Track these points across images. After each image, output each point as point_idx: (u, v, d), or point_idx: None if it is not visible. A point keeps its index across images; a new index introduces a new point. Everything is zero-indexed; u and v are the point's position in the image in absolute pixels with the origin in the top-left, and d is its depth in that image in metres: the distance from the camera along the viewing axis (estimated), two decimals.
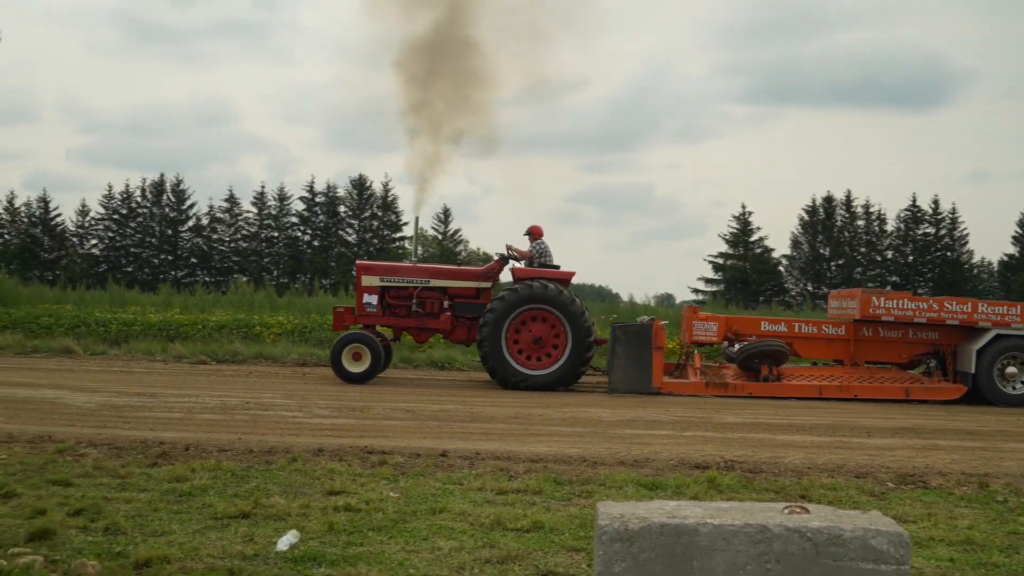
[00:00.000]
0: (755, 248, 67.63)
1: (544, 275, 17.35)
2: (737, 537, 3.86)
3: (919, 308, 16.98)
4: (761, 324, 17.89)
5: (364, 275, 17.96)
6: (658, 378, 16.57)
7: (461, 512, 6.91)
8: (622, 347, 16.68)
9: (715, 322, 17.67)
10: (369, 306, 17.76)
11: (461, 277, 18.26)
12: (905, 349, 17.51)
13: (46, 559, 5.40)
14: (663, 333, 16.85)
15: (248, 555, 5.69)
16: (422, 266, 18.39)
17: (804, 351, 17.92)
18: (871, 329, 17.46)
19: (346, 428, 11.28)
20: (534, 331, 16.93)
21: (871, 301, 17.01)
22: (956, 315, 16.90)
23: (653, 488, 8.03)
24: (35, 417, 11.47)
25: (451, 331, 17.89)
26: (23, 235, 67.99)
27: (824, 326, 17.82)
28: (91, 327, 23.12)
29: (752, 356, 16.91)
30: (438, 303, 17.89)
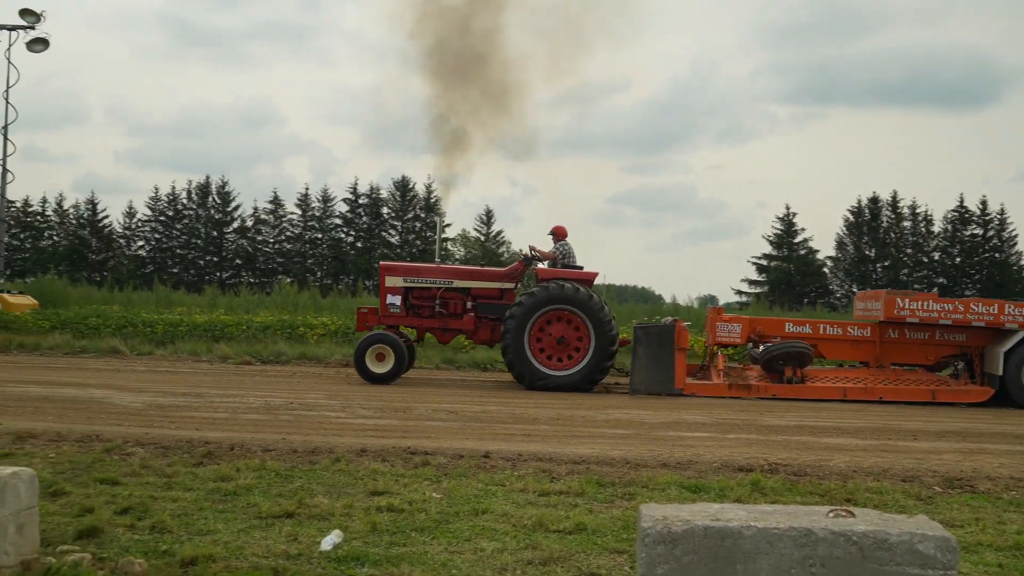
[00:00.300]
0: (799, 249, 67.18)
1: (567, 276, 17.32)
2: (781, 540, 3.83)
3: (944, 310, 16.74)
4: (785, 325, 17.73)
5: (387, 276, 18.02)
6: (680, 379, 16.50)
7: (503, 513, 6.91)
8: (643, 348, 16.66)
9: (739, 323, 17.56)
10: (392, 307, 17.82)
11: (484, 278, 18.28)
12: (932, 351, 17.26)
13: (94, 557, 5.46)
14: (686, 334, 16.78)
15: (292, 555, 5.73)
16: (445, 267, 18.45)
17: (829, 353, 17.74)
18: (897, 331, 17.23)
19: (389, 429, 11.33)
20: (557, 332, 16.89)
21: (895, 302, 16.79)
22: (982, 316, 16.64)
23: (696, 491, 7.98)
24: (83, 416, 11.62)
25: (474, 332, 17.89)
26: (72, 237, 68.95)
27: (849, 327, 17.63)
28: (138, 328, 23.39)
29: (776, 357, 16.78)
30: (461, 304, 17.91)
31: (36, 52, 26.82)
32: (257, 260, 68.90)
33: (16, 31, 26.75)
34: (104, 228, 70.26)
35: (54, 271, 44.04)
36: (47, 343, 21.90)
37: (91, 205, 70.31)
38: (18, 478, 4.99)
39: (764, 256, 67.72)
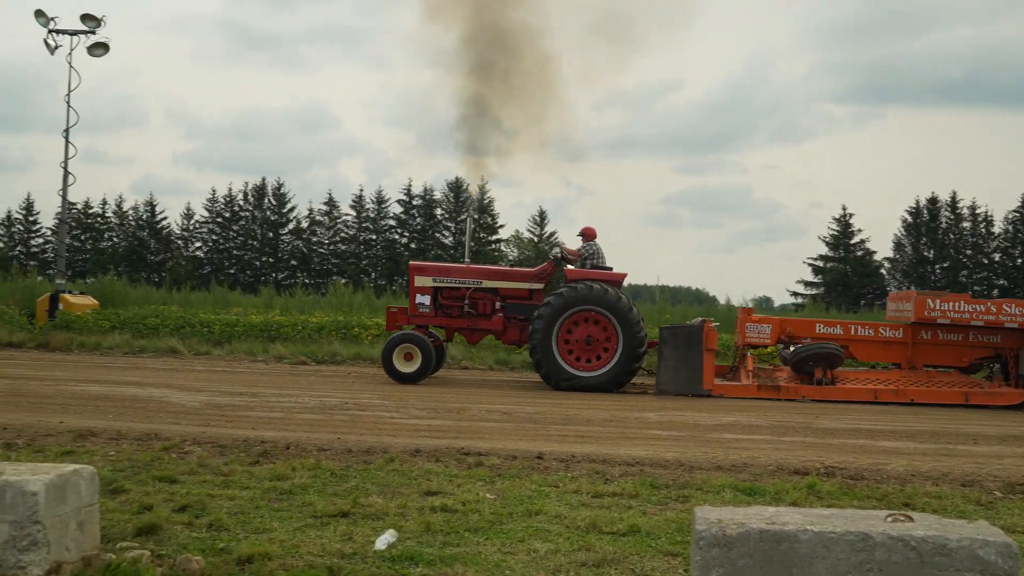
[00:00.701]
0: (856, 250, 66.44)
1: (596, 276, 17.29)
2: (838, 545, 3.79)
3: (976, 311, 16.45)
4: (816, 326, 17.57)
5: (417, 276, 18.11)
6: (709, 380, 16.40)
7: (557, 514, 6.90)
8: (670, 349, 16.62)
9: (768, 324, 17.40)
10: (422, 307, 17.88)
11: (513, 278, 18.31)
12: (966, 352, 16.98)
13: (152, 554, 5.53)
14: (714, 335, 16.69)
15: (347, 554, 5.76)
16: (474, 267, 18.48)
17: (861, 354, 17.54)
18: (930, 332, 16.97)
19: (443, 429, 11.36)
20: (585, 333, 16.85)
21: (926, 303, 16.56)
22: (1015, 318, 16.34)
23: (751, 494, 7.92)
24: (142, 415, 11.79)
25: (503, 332, 17.92)
26: (131, 238, 70.00)
27: (881, 329, 17.42)
28: (195, 328, 23.68)
29: (806, 359, 16.62)
30: (490, 304, 17.95)
31: (96, 56, 27.20)
32: (312, 261, 69.47)
33: (77, 36, 27.18)
34: (162, 229, 71.26)
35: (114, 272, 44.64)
36: (107, 343, 22.25)
37: (150, 207, 71.39)
38: (79, 476, 5.07)
39: (820, 257, 67.09)
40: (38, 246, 71.66)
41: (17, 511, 4.65)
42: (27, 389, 14.03)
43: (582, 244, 18.29)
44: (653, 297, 35.78)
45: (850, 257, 66.11)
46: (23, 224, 72.06)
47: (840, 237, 66.61)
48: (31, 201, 72.25)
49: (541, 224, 72.07)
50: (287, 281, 64.75)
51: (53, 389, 14.14)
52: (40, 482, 4.71)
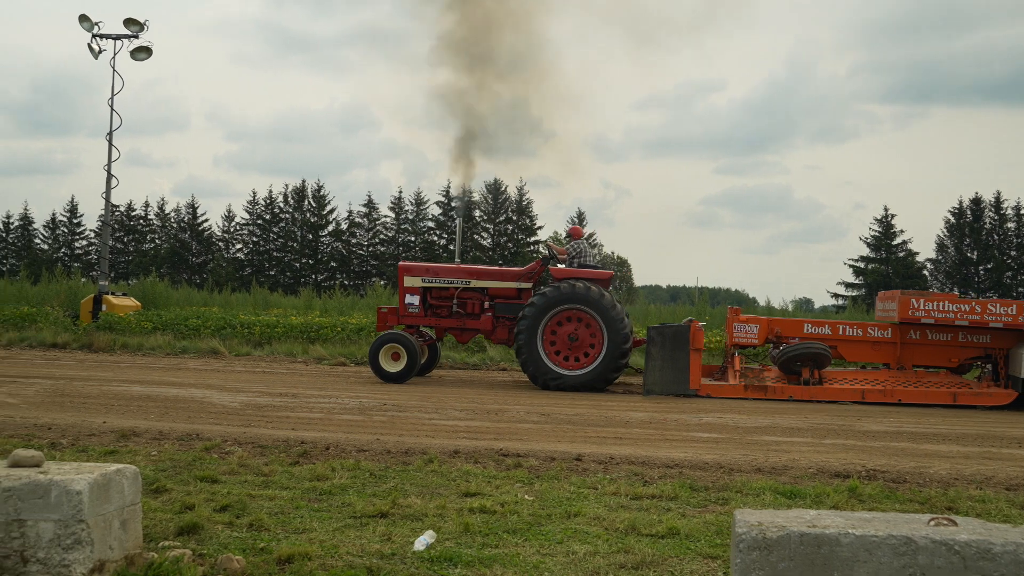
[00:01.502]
0: (898, 252, 65.82)
1: (582, 275, 17.30)
2: (880, 548, 3.76)
3: (961, 310, 16.31)
4: (804, 326, 17.52)
5: (406, 276, 18.21)
6: (696, 380, 16.37)
7: (596, 516, 6.89)
8: (657, 349, 16.56)
9: (756, 324, 17.34)
10: (411, 307, 17.99)
11: (501, 278, 18.33)
12: (955, 353, 16.87)
13: (194, 553, 5.58)
14: (701, 335, 16.66)
15: (386, 554, 5.78)
16: (463, 267, 18.55)
17: (849, 354, 17.45)
18: (919, 332, 16.88)
19: (481, 430, 11.38)
20: (570, 331, 16.87)
21: (910, 303, 16.45)
22: (1000, 317, 16.18)
23: (791, 496, 7.87)
24: (184, 415, 11.89)
25: (492, 331, 17.98)
26: (173, 240, 70.65)
27: (870, 329, 17.32)
28: (236, 329, 23.85)
29: (793, 358, 16.55)
30: (479, 303, 18.03)
31: (139, 60, 27.51)
32: (352, 262, 69.82)
33: (120, 40, 27.49)
34: (204, 231, 71.91)
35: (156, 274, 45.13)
36: (149, 343, 22.47)
37: (191, 209, 72.08)
38: (122, 475, 5.12)
39: (861, 258, 66.53)
40: (82, 248, 72.59)
41: (62, 510, 4.71)
42: (71, 389, 14.20)
43: (570, 243, 18.36)
44: (692, 298, 35.61)
45: (892, 258, 65.51)
46: (67, 226, 73.00)
47: (882, 238, 66.04)
48: (75, 204, 73.26)
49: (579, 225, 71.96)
50: (327, 283, 65.13)
51: (97, 389, 14.30)
52: (84, 481, 4.77)
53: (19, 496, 4.73)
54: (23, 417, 11.18)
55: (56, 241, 72.99)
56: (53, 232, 73.20)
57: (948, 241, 66.32)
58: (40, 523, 4.72)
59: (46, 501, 4.72)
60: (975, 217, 65.58)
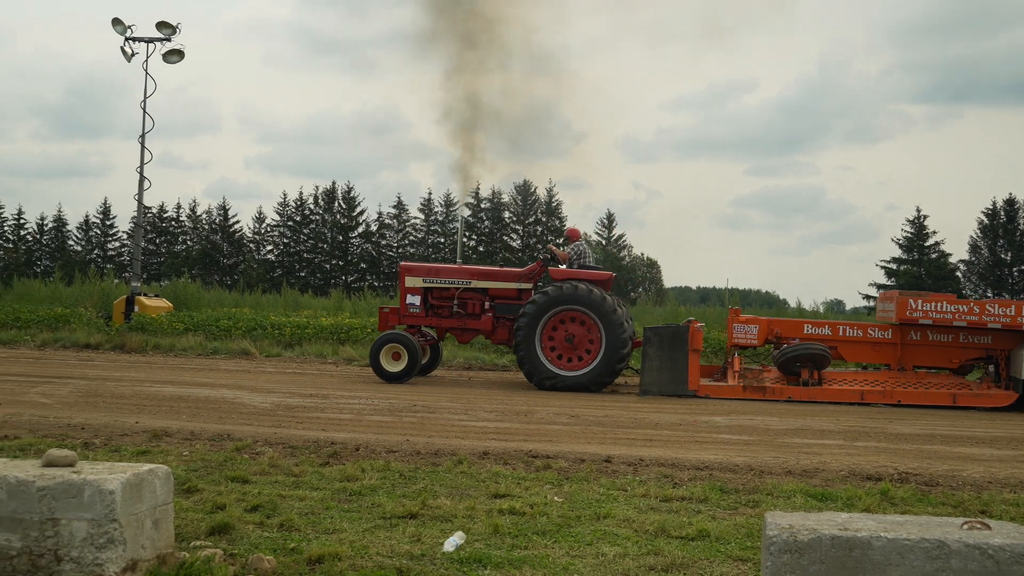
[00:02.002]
0: (930, 253, 65.30)
1: (581, 276, 17.31)
2: (913, 552, 3.73)
3: (959, 311, 16.22)
4: (804, 327, 17.46)
5: (407, 276, 18.29)
6: (694, 381, 16.34)
7: (625, 518, 6.88)
8: (654, 349, 16.54)
9: (756, 325, 17.26)
10: (412, 307, 18.06)
11: (502, 278, 18.37)
12: (956, 354, 16.77)
13: (225, 553, 5.61)
14: (699, 335, 16.61)
15: (415, 555, 5.79)
16: (463, 267, 18.64)
17: (849, 355, 17.41)
18: (919, 333, 16.77)
19: (510, 432, 11.38)
20: (569, 332, 16.91)
21: (908, 304, 16.36)
22: (998, 318, 16.07)
23: (822, 499, 7.83)
24: (215, 416, 11.97)
25: (492, 331, 18.00)
26: (204, 241, 71.10)
27: (870, 330, 17.25)
28: (267, 330, 23.97)
29: (793, 359, 16.49)
30: (479, 304, 18.07)
31: (172, 63, 27.72)
32: (381, 264, 70.03)
33: (153, 43, 27.71)
34: (235, 233, 72.34)
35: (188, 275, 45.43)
36: (181, 344, 22.62)
37: (223, 210, 72.53)
38: (154, 475, 5.16)
39: (893, 260, 66.08)
40: (115, 249, 73.22)
41: (95, 509, 4.75)
42: (104, 390, 14.32)
43: (569, 246, 18.46)
44: (722, 300, 35.48)
45: (924, 260, 65.03)
46: (100, 228, 73.65)
47: (914, 239, 65.56)
48: (108, 205, 73.89)
49: (609, 227, 71.95)
50: (356, 284, 65.37)
51: (129, 390, 14.41)
52: (117, 481, 4.80)
53: (53, 495, 4.78)
54: (57, 417, 11.29)
55: (89, 243, 73.65)
56: (86, 234, 73.87)
57: (981, 242, 65.74)
58: (74, 522, 4.76)
59: (79, 500, 4.76)
60: (1009, 218, 64.97)
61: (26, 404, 12.47)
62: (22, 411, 11.72)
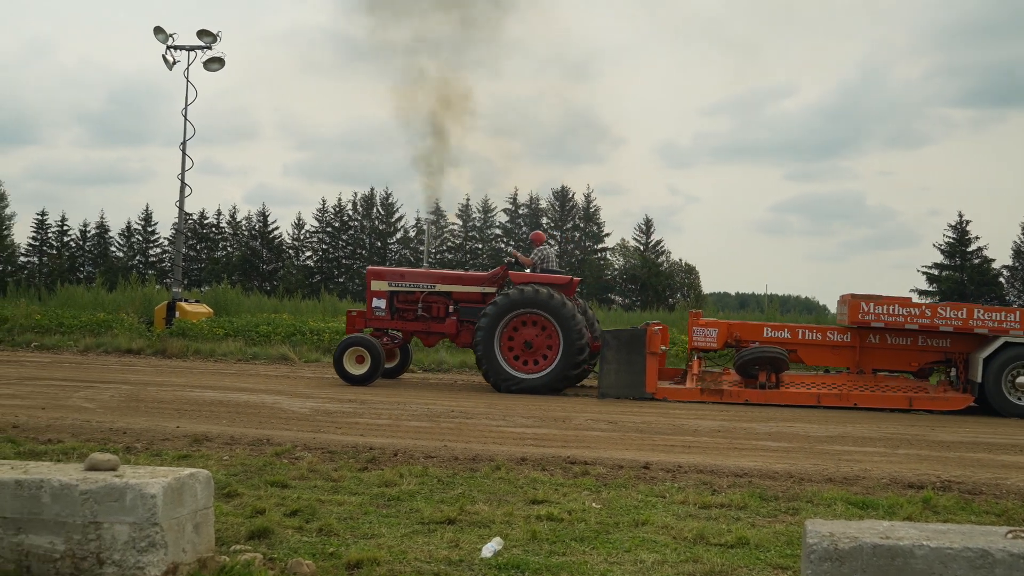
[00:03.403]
0: (973, 259, 64.54)
1: (541, 280, 17.40)
2: (956, 561, 3.69)
3: (911, 314, 16.24)
4: (764, 330, 17.45)
5: (373, 280, 18.52)
6: (652, 383, 16.33)
7: (664, 525, 6.85)
8: (612, 352, 16.54)
9: (715, 328, 17.30)
10: (378, 310, 18.27)
11: (466, 282, 18.57)
12: (915, 357, 16.74)
13: (264, 557, 5.65)
14: (657, 339, 16.59)
15: (453, 560, 5.80)
16: (428, 271, 18.86)
17: (808, 358, 17.36)
18: (878, 336, 16.73)
19: (548, 438, 11.37)
20: (528, 335, 16.98)
21: (860, 307, 16.33)
22: (950, 321, 16.06)
23: (863, 507, 7.76)
24: (255, 421, 12.05)
25: (456, 335, 18.16)
26: (244, 247, 71.59)
27: (829, 333, 17.24)
28: (306, 335, 24.11)
29: (750, 362, 16.47)
30: (444, 308, 18.21)
31: (212, 71, 27.95)
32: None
33: (194, 51, 27.96)
34: (274, 239, 72.75)
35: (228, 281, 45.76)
36: (221, 350, 22.80)
37: (262, 217, 72.94)
38: (195, 479, 5.20)
39: (935, 265, 65.38)
40: (156, 255, 73.85)
41: (137, 513, 4.79)
42: (146, 394, 14.46)
43: (534, 250, 18.63)
44: (761, 306, 35.26)
45: (967, 265, 64.28)
46: (142, 234, 74.35)
47: (956, 245, 64.83)
48: (149, 212, 74.55)
49: (647, 232, 71.70)
50: None
51: (170, 395, 14.54)
52: (158, 485, 4.85)
53: (96, 499, 4.83)
54: (99, 421, 11.41)
55: (131, 249, 74.36)
56: (128, 240, 74.60)
57: None
58: (116, 525, 4.81)
59: (122, 504, 4.81)
60: None
61: (69, 408, 12.61)
62: (65, 415, 11.86)
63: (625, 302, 65.03)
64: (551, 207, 70.86)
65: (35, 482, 4.91)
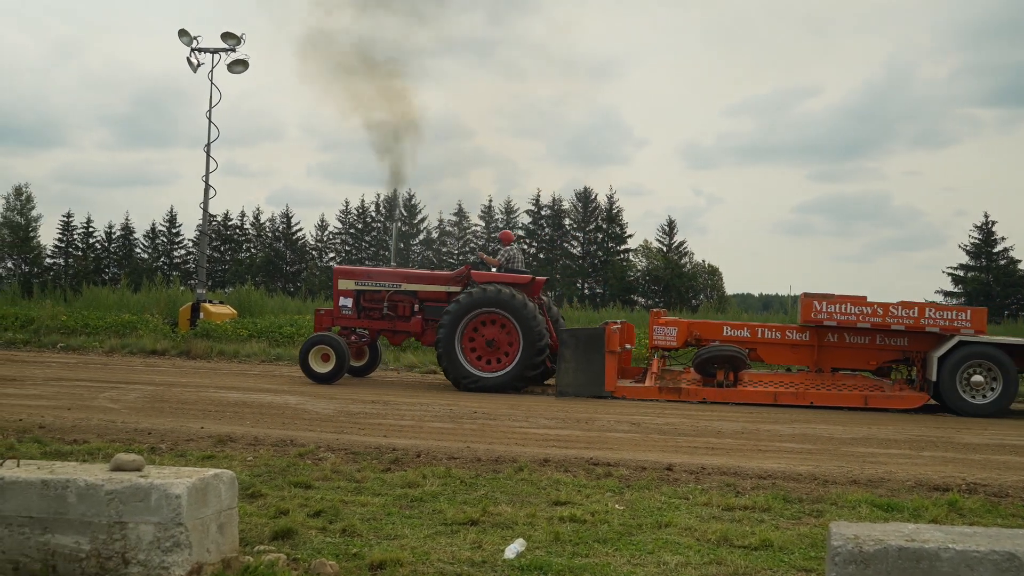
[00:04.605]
0: (999, 259, 64.09)
1: (503, 279, 17.54)
2: (982, 564, 3.66)
3: (863, 313, 16.27)
4: (723, 329, 17.56)
5: (340, 279, 18.78)
6: (611, 382, 16.40)
7: (687, 527, 6.83)
8: (570, 351, 16.63)
9: (675, 327, 17.39)
10: (345, 309, 18.49)
11: (431, 281, 18.72)
12: (873, 356, 16.84)
13: (288, 557, 5.67)
14: (616, 337, 16.66)
15: (476, 561, 5.80)
16: (394, 270, 19.15)
17: (768, 357, 17.53)
18: (836, 335, 16.81)
19: (571, 439, 11.36)
20: (490, 334, 17.12)
21: (812, 305, 16.43)
22: (901, 320, 16.14)
23: (888, 509, 7.71)
24: (279, 422, 12.09)
25: (422, 333, 18.29)
26: (267, 249, 71.90)
27: (788, 332, 17.32)
28: None
29: (708, 361, 16.55)
30: (409, 307, 18.35)
31: (236, 73, 28.09)
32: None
33: (218, 53, 28.10)
34: (297, 240, 73.07)
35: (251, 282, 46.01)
36: (245, 351, 22.90)
37: (285, 218, 73.28)
38: (219, 479, 5.23)
39: (961, 266, 64.98)
40: (180, 257, 74.32)
41: (161, 513, 4.82)
42: (170, 395, 14.54)
43: (501, 250, 18.84)
44: (786, 307, 35.10)
45: (993, 266, 63.84)
46: (167, 236, 74.79)
47: (982, 246, 64.39)
48: (174, 214, 75.01)
49: (670, 234, 71.55)
50: None
51: (194, 395, 14.62)
52: (183, 485, 4.87)
53: (121, 499, 4.86)
54: (124, 422, 11.48)
55: (156, 250, 74.83)
56: (153, 242, 75.07)
57: None
58: (141, 525, 4.84)
59: (147, 504, 4.84)
60: None
61: (95, 409, 12.70)
62: (91, 416, 11.94)
63: (648, 303, 64.90)
64: (574, 208, 70.82)
65: (61, 482, 4.94)
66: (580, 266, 69.71)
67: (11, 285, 50.74)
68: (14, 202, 74.03)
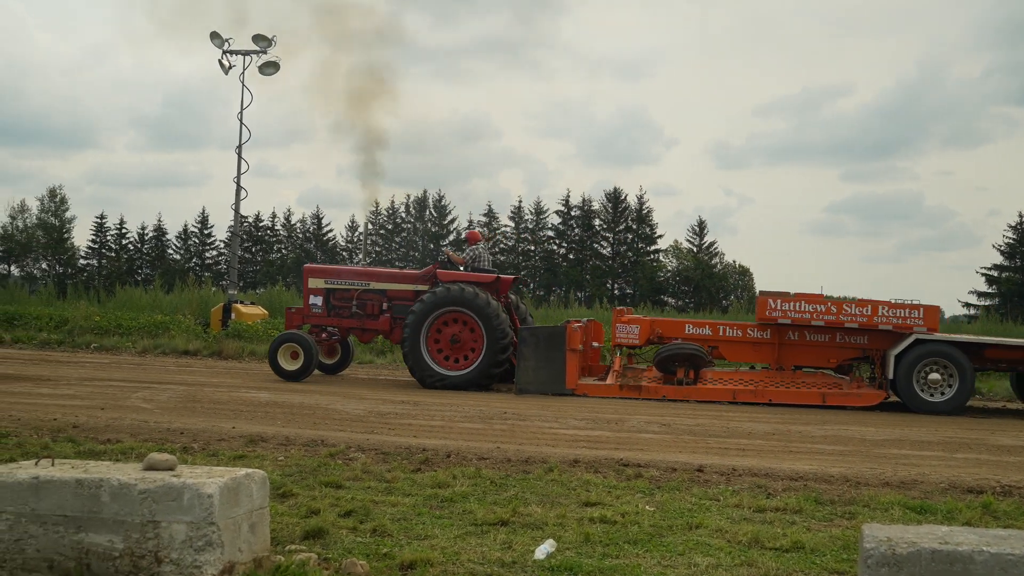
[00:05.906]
0: None
1: (467, 279, 17.65)
2: (1017, 567, 3.63)
3: (816, 311, 16.35)
4: (685, 327, 17.65)
5: (310, 278, 18.98)
6: (572, 380, 16.50)
7: (718, 528, 6.80)
8: (530, 349, 16.76)
9: (637, 325, 17.43)
10: (315, 307, 18.68)
11: (399, 280, 18.90)
12: (834, 354, 16.91)
13: (319, 557, 5.69)
14: (577, 335, 16.72)
15: (506, 562, 5.81)
16: (362, 269, 19.44)
17: (730, 354, 17.58)
18: (797, 333, 16.84)
19: (601, 440, 11.34)
20: (453, 333, 17.20)
21: (767, 304, 16.51)
22: (855, 318, 16.19)
23: (921, 512, 7.65)
24: (310, 422, 12.15)
25: (390, 332, 18.45)
26: (298, 249, 72.26)
27: (749, 330, 17.35)
28: None
29: (669, 359, 16.59)
30: (378, 305, 18.47)
31: (267, 75, 28.24)
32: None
33: (249, 56, 28.27)
34: (328, 241, 73.40)
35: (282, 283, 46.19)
36: None
37: (316, 219, 73.63)
38: (251, 479, 5.25)
39: (995, 267, 64.35)
40: (212, 258, 74.83)
41: (194, 512, 4.85)
42: (202, 395, 14.64)
43: (467, 249, 19.02)
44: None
45: None
46: (198, 237, 75.34)
47: (1016, 245, 63.76)
48: (206, 215, 75.61)
49: (700, 234, 71.35)
50: None
51: (226, 395, 14.71)
52: (215, 485, 4.90)
53: (154, 498, 4.89)
54: (157, 422, 11.57)
55: (188, 251, 75.39)
56: (185, 243, 75.63)
57: None
58: (173, 525, 4.87)
59: (179, 503, 4.87)
60: None
61: (127, 409, 12.80)
62: (124, 416, 12.04)
63: (678, 304, 64.75)
64: (603, 208, 70.75)
65: (95, 481, 4.98)
66: (610, 267, 69.60)
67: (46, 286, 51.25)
68: (48, 204, 74.88)
